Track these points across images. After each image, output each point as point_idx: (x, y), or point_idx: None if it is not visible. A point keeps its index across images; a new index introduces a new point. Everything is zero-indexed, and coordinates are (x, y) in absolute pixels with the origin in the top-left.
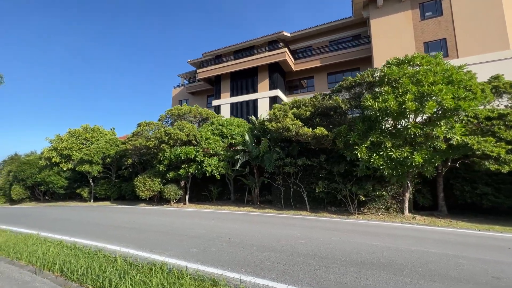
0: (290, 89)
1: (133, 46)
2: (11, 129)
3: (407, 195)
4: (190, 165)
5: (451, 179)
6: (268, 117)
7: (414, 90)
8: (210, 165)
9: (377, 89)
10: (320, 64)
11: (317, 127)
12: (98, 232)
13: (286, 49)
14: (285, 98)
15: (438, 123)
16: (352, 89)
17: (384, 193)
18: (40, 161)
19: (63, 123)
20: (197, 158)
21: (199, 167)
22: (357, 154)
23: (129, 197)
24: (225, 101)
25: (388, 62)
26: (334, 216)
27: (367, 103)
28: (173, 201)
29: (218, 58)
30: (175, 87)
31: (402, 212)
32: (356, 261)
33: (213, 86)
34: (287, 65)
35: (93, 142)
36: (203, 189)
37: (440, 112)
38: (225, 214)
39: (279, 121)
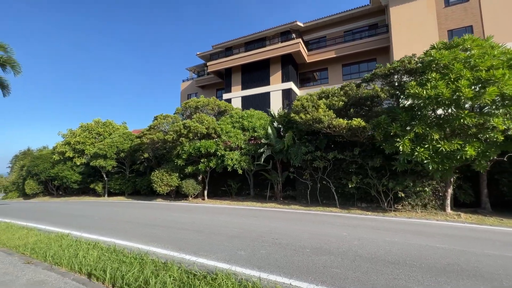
0: (302, 82)
1: (140, 40)
2: (21, 125)
3: (450, 191)
4: (209, 159)
5: (495, 174)
6: (287, 109)
7: (468, 75)
8: (231, 159)
9: (422, 77)
10: (335, 55)
11: (352, 118)
12: (128, 230)
13: (300, 40)
14: (298, 91)
15: (496, 112)
16: (389, 77)
17: (426, 189)
18: (54, 156)
19: (71, 119)
20: (217, 152)
21: (219, 161)
22: (398, 147)
23: (145, 192)
24: (236, 95)
25: (433, 47)
26: (369, 213)
27: (413, 91)
28: (191, 196)
29: (228, 50)
30: (183, 81)
31: (443, 209)
32: (434, 267)
33: (223, 80)
34: (301, 56)
35: (106, 137)
36: (221, 184)
37: (498, 100)
38: (251, 210)
39: (307, 113)
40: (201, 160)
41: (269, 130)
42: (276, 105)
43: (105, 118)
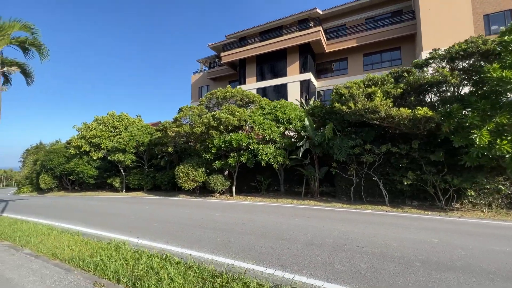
0: (319, 73)
1: (148, 32)
2: (30, 119)
3: None
4: (240, 154)
5: None
6: (314, 100)
7: None
8: (266, 154)
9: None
10: (356, 44)
11: (416, 107)
12: (183, 235)
13: (321, 28)
14: (316, 83)
15: None
16: (457, 60)
17: (500, 186)
18: (69, 150)
19: (80, 113)
20: (250, 146)
21: (250, 155)
22: (474, 139)
23: (165, 187)
24: (251, 87)
25: (503, 32)
26: (427, 212)
27: (495, 75)
28: (217, 192)
29: (242, 40)
30: (194, 73)
31: None
32: None
33: (237, 71)
34: (320, 46)
35: (122, 130)
36: (248, 180)
37: None
38: (294, 209)
39: (357, 102)
40: (231, 155)
41: (306, 122)
42: (293, 97)
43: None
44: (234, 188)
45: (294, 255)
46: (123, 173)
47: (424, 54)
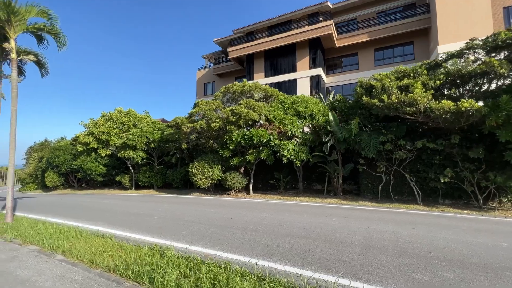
0: (328, 69)
1: (148, 27)
2: (32, 117)
3: None
4: (259, 150)
5: None
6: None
7: None
8: (288, 150)
9: None
10: (368, 39)
11: (461, 100)
12: (223, 237)
13: (332, 22)
14: (325, 78)
15: None
16: (502, 49)
17: None
18: (77, 147)
19: (82, 111)
20: (271, 142)
21: (269, 152)
22: None
23: (177, 185)
24: (259, 82)
25: None
26: (469, 212)
27: None
28: (234, 190)
29: (250, 35)
30: (199, 69)
31: None
32: None
33: (243, 67)
34: (331, 40)
35: (130, 126)
36: (265, 177)
37: None
38: (321, 207)
39: (390, 95)
40: (249, 151)
41: (330, 117)
42: (303, 93)
43: (106, 110)
44: (251, 186)
45: (360, 261)
46: (132, 171)
47: (441, 49)
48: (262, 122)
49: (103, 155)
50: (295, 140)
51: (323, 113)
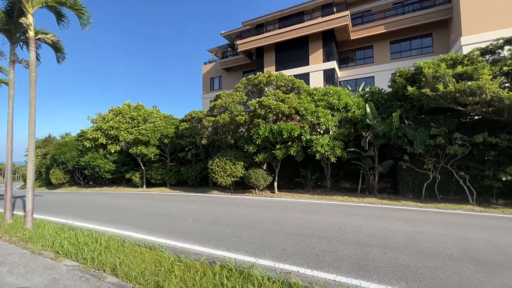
0: (340, 62)
1: (148, 24)
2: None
3: None
4: (288, 145)
5: None
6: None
7: None
8: (322, 145)
9: None
10: (385, 31)
11: None
12: (274, 242)
13: (348, 12)
14: (338, 72)
15: None
16: None
17: None
18: (84, 143)
19: (84, 107)
20: (302, 137)
21: (298, 148)
22: None
23: (193, 182)
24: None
25: None
26: None
27: None
28: (257, 188)
29: (260, 27)
30: (205, 63)
31: None
32: None
33: (252, 60)
34: (346, 32)
35: (140, 121)
36: (287, 174)
37: None
38: (369, 209)
39: (446, 83)
40: (277, 147)
41: (368, 109)
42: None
43: (105, 108)
44: (275, 184)
45: (479, 280)
46: (143, 168)
47: (464, 40)
48: (297, 117)
49: (112, 151)
50: (327, 134)
51: (358, 105)
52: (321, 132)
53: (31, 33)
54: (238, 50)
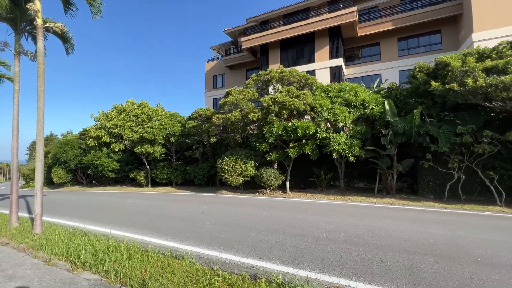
0: (345, 60)
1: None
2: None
3: None
4: (302, 144)
5: None
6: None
7: None
8: (339, 144)
9: None
10: (392, 27)
11: None
12: (316, 252)
13: (356, 8)
14: (344, 70)
15: None
16: None
17: None
18: (87, 141)
19: (84, 107)
20: (317, 135)
21: (313, 146)
22: None
23: (200, 182)
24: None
25: None
26: None
27: None
28: (269, 188)
29: (264, 24)
30: (208, 61)
31: None
32: None
33: (256, 58)
34: (352, 29)
35: (144, 119)
36: (298, 173)
37: None
38: (393, 210)
39: (476, 77)
40: (290, 145)
41: (386, 106)
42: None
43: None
44: (287, 183)
45: None
46: (147, 167)
47: (476, 36)
48: (313, 114)
49: (116, 149)
50: (344, 132)
51: (376, 102)
52: (338, 130)
53: (39, 21)
54: (242, 47)
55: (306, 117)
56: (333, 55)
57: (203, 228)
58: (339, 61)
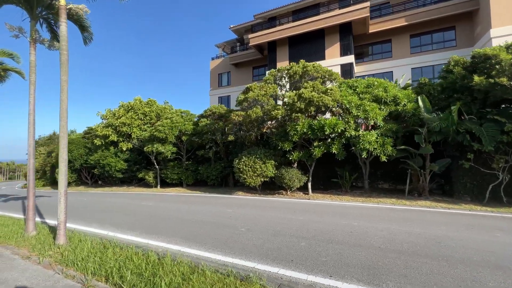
0: (355, 57)
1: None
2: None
3: None
4: (327, 143)
5: None
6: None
7: None
8: (369, 142)
9: None
10: (405, 23)
11: None
12: (394, 267)
13: (369, 3)
14: (354, 67)
15: None
16: None
17: None
18: (94, 140)
19: (84, 106)
20: (346, 133)
21: (340, 145)
22: None
23: (213, 182)
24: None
25: None
26: None
27: None
28: (289, 189)
29: (272, 21)
30: (213, 59)
31: None
32: None
33: (263, 55)
34: (363, 25)
35: (152, 117)
36: (318, 173)
37: None
38: (438, 214)
39: None
40: (315, 144)
41: (420, 102)
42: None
43: (108, 105)
44: (309, 184)
45: None
46: (157, 167)
47: (494, 32)
48: (340, 111)
49: (124, 149)
50: (374, 130)
51: (409, 98)
52: (366, 127)
53: (62, 1)
54: (250, 44)
55: (325, 115)
56: (344, 52)
57: (241, 236)
58: (350, 58)
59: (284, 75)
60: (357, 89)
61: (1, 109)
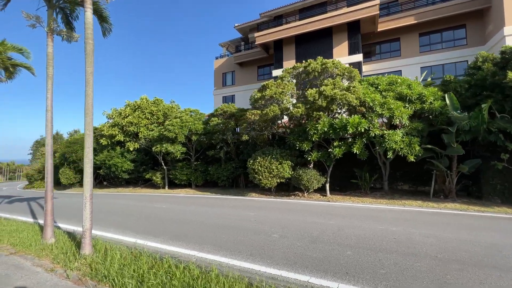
0: (363, 56)
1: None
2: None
3: None
4: (349, 142)
5: None
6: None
7: None
8: (395, 142)
9: None
10: (415, 22)
11: None
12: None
13: (378, 1)
14: (363, 66)
15: None
16: None
17: None
18: (100, 140)
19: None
20: (370, 132)
21: (361, 145)
22: None
23: (223, 183)
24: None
25: None
26: None
27: None
28: (306, 191)
29: (278, 19)
30: (217, 58)
31: None
32: None
33: (269, 54)
34: (372, 24)
35: (159, 117)
36: (334, 174)
37: None
38: (470, 217)
39: None
40: (335, 143)
41: (447, 100)
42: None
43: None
44: (327, 185)
45: None
46: (164, 167)
47: (508, 30)
48: (363, 109)
49: (131, 149)
50: (398, 129)
51: (435, 95)
52: (390, 126)
53: None
54: (256, 43)
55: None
56: (352, 51)
57: (276, 243)
58: (359, 57)
59: (301, 72)
60: (379, 87)
61: (1, 109)
